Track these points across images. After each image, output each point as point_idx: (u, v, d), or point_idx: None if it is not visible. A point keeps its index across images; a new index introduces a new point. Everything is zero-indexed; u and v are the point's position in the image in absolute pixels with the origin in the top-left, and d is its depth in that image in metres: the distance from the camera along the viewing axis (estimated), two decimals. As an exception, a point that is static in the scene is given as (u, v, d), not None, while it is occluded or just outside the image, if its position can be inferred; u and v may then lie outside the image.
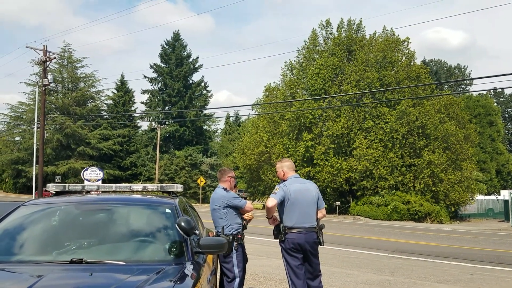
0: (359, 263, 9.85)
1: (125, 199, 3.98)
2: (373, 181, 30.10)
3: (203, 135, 56.32)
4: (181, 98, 53.06)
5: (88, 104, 53.34)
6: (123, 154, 53.97)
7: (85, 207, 3.73)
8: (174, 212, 3.54)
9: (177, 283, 2.59)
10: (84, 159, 48.88)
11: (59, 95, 51.36)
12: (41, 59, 27.76)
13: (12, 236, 3.34)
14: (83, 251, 3.13)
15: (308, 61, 34.60)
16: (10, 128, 54.36)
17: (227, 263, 4.91)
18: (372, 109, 31.30)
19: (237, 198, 5.05)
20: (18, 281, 2.53)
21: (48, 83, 29.03)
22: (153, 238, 3.40)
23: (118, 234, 3.42)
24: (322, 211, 4.91)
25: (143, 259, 3.04)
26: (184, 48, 55.08)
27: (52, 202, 3.81)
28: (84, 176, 26.93)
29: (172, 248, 3.19)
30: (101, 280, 2.65)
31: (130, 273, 2.68)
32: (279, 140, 32.46)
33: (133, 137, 56.12)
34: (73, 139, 49.02)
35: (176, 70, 53.28)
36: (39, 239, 3.35)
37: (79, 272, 2.74)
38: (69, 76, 51.99)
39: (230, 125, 67.29)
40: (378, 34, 34.14)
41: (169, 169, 47.79)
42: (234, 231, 4.96)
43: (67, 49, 50.58)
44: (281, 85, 35.20)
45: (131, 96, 56.78)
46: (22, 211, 3.57)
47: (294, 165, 5.10)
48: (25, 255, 3.11)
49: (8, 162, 50.59)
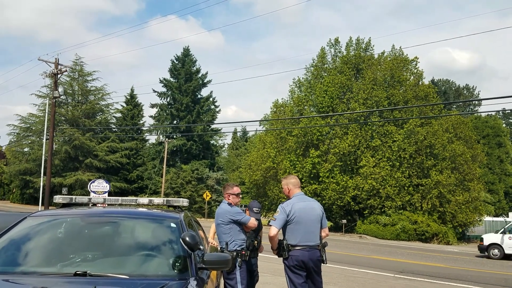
0: (365, 283, 9.72)
1: (131, 212, 3.98)
2: (380, 200, 29.83)
3: (210, 150, 56.40)
4: (189, 112, 53.37)
5: (97, 117, 53.80)
6: (130, 167, 54.10)
7: (91, 220, 3.73)
8: (179, 227, 3.54)
9: None
10: (91, 171, 49.07)
11: (69, 107, 51.89)
12: (52, 71, 28.14)
13: (18, 247, 3.35)
14: (88, 264, 3.13)
15: (316, 79, 34.77)
16: (19, 139, 54.86)
17: (231, 279, 4.87)
18: (379, 128, 31.23)
19: (240, 214, 5.02)
20: None
21: (59, 96, 29.38)
22: (158, 252, 3.39)
23: (122, 248, 3.43)
24: (325, 230, 4.91)
25: (147, 274, 3.02)
26: (193, 64, 55.64)
27: (58, 214, 3.82)
28: (91, 188, 27.02)
29: (176, 263, 3.18)
30: None
31: (133, 287, 2.68)
32: (286, 156, 32.43)
33: (140, 150, 56.32)
34: (81, 151, 49.33)
35: (185, 85, 53.74)
36: (44, 251, 3.35)
37: (82, 285, 2.74)
38: (79, 88, 52.61)
39: (237, 140, 67.39)
40: (386, 53, 34.33)
41: (175, 183, 47.79)
42: (238, 247, 4.94)
43: (78, 62, 51.31)
44: (289, 101, 35.35)
45: (140, 110, 57.21)
46: (28, 222, 3.58)
47: (299, 182, 5.10)
48: (30, 266, 3.12)
49: (16, 173, 50.90)
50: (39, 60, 28.51)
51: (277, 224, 4.70)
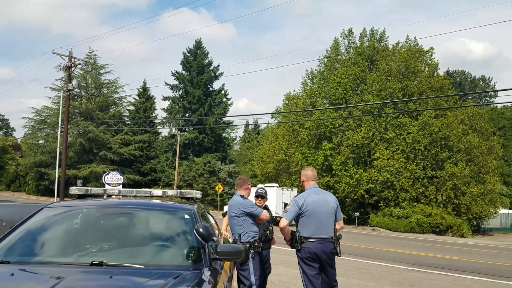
0: (378, 275, 9.64)
1: (145, 204, 4.00)
2: (394, 193, 29.62)
3: (222, 143, 56.50)
4: (201, 105, 53.46)
5: (111, 110, 54.26)
6: (143, 159, 54.56)
7: (106, 211, 3.76)
8: (193, 218, 3.56)
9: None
10: (105, 164, 49.63)
11: (83, 100, 52.41)
12: (66, 64, 28.36)
13: (34, 237, 3.39)
14: (104, 254, 3.17)
15: (329, 70, 34.47)
16: (34, 131, 55.66)
17: (244, 270, 4.90)
18: (393, 120, 30.90)
19: (253, 206, 5.05)
20: (40, 282, 2.55)
21: (73, 88, 29.62)
22: (172, 243, 3.42)
23: (137, 238, 3.46)
24: (339, 222, 4.88)
25: (161, 264, 3.06)
26: (205, 56, 55.59)
27: (74, 205, 3.86)
28: (105, 181, 27.32)
29: (190, 254, 3.21)
30: (120, 282, 2.66)
31: (149, 276, 2.69)
32: (298, 149, 32.32)
33: (153, 143, 56.71)
34: (95, 144, 49.88)
35: (197, 78, 53.78)
36: (61, 241, 3.39)
37: (99, 274, 2.76)
38: (93, 82, 53.06)
39: (249, 133, 67.32)
40: (401, 44, 33.87)
41: (188, 175, 48.05)
42: (251, 239, 4.96)
43: (91, 55, 51.69)
44: (301, 93, 35.13)
45: (152, 103, 57.52)
46: (44, 213, 3.61)
47: (315, 175, 5.05)
48: (47, 256, 3.15)
49: (32, 165, 51.71)
50: (53, 53, 28.79)
51: (287, 216, 4.70)
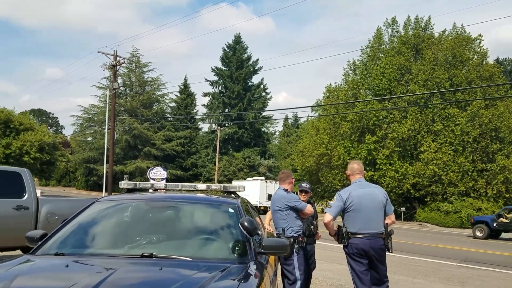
0: (426, 272, 9.38)
1: (191, 197, 4.08)
2: (442, 187, 28.58)
3: (261, 137, 56.65)
4: (241, 100, 53.77)
5: (154, 107, 55.73)
6: (184, 155, 55.73)
7: (154, 204, 3.85)
8: (237, 212, 3.59)
9: (242, 282, 2.60)
10: (149, 159, 51.11)
11: (128, 98, 54.12)
12: (111, 63, 29.27)
13: (87, 230, 3.52)
14: (153, 246, 3.24)
15: (372, 61, 33.57)
16: (82, 129, 58.15)
17: (288, 265, 4.87)
18: (441, 111, 29.74)
19: (297, 200, 5.02)
20: (93, 273, 2.61)
21: (118, 87, 30.57)
22: (217, 236, 3.46)
23: (184, 231, 3.54)
24: (390, 217, 4.70)
25: (208, 257, 3.10)
26: (244, 51, 55.79)
27: (124, 199, 3.98)
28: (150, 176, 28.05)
29: (236, 247, 3.23)
30: (169, 274, 2.72)
31: (196, 269, 2.74)
32: (340, 142, 31.77)
33: (194, 138, 57.76)
34: (139, 140, 51.42)
35: (236, 73, 54.09)
36: (112, 234, 3.50)
37: (149, 266, 2.82)
38: (136, 80, 54.67)
39: (288, 127, 67.04)
40: (447, 31, 32.47)
41: (228, 170, 48.58)
42: (295, 234, 4.91)
43: (135, 54, 53.24)
44: (343, 85, 34.46)
45: (193, 99, 58.55)
46: (96, 206, 3.74)
47: (362, 168, 4.89)
48: (99, 248, 3.26)
49: (81, 161, 54.09)
50: (98, 53, 29.82)
51: (331, 211, 4.59)
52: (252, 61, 55.74)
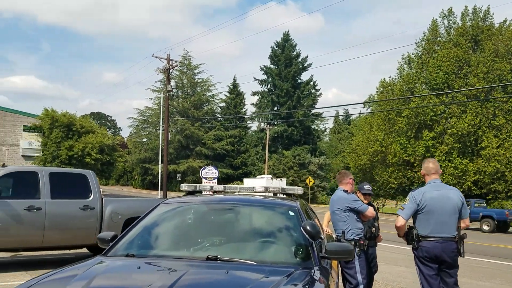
0: (492, 274, 8.99)
1: (252, 200, 4.07)
2: (505, 184, 27.06)
3: (311, 135, 56.22)
4: (290, 98, 53.63)
5: (204, 107, 56.91)
6: (234, 153, 56.44)
7: (216, 207, 3.90)
8: (298, 215, 3.55)
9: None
10: (200, 158, 52.28)
11: (180, 99, 55.65)
12: (165, 67, 30.20)
13: (153, 232, 3.62)
14: (216, 249, 3.28)
15: (428, 54, 32.34)
16: (138, 130, 60.51)
17: (350, 269, 4.76)
18: (503, 104, 28.20)
19: (358, 202, 4.89)
20: (165, 274, 2.67)
21: (171, 89, 31.47)
22: (278, 240, 3.44)
23: (246, 234, 3.55)
24: (465, 220, 4.49)
25: (270, 260, 3.07)
26: (293, 48, 55.62)
27: (187, 201, 4.03)
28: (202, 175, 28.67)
29: (298, 252, 3.19)
30: (237, 279, 2.74)
31: (261, 273, 2.71)
32: (395, 139, 30.90)
33: (243, 137, 58.36)
34: (191, 140, 52.73)
35: (285, 71, 54.02)
36: (177, 236, 3.59)
37: (215, 269, 2.85)
38: (188, 81, 56.11)
39: (339, 124, 66.08)
40: (508, 21, 30.66)
41: (277, 168, 48.53)
42: (356, 236, 4.79)
43: (186, 56, 54.61)
44: (397, 80, 33.43)
45: (242, 98, 59.16)
46: (161, 209, 3.81)
47: (437, 167, 4.70)
48: (166, 250, 3.34)
49: (137, 161, 56.31)
50: (153, 57, 30.87)
51: (404, 214, 4.43)
52: (301, 58, 55.48)
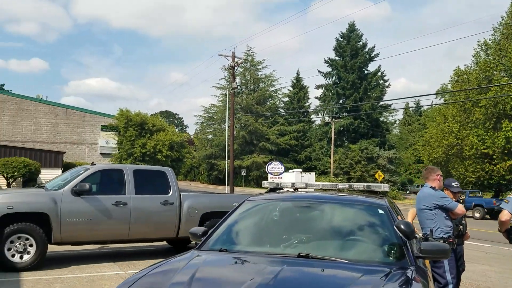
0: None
1: (338, 198, 4.00)
2: None
3: (379, 127, 54.35)
4: (356, 90, 52.19)
5: (267, 103, 57.13)
6: (298, 148, 56.18)
7: (302, 204, 3.88)
8: (388, 213, 3.47)
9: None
10: (264, 154, 52.66)
11: (243, 95, 56.33)
12: (230, 64, 30.66)
13: (241, 228, 3.68)
14: (304, 246, 3.23)
15: (507, 39, 29.70)
16: (203, 127, 62.26)
17: (438, 268, 4.65)
18: None
19: (447, 199, 4.74)
20: (262, 270, 2.67)
21: (236, 86, 31.90)
22: (369, 238, 3.37)
23: (334, 232, 3.49)
24: None
25: (364, 259, 3.02)
26: (359, 39, 54.04)
27: (272, 198, 4.02)
28: (268, 170, 28.81)
29: (391, 251, 3.11)
30: (335, 277, 2.70)
31: (358, 272, 2.67)
32: (472, 131, 28.92)
33: (307, 132, 57.88)
34: (255, 136, 53.24)
35: (351, 62, 52.62)
36: (264, 232, 3.62)
37: (310, 267, 2.81)
38: (251, 78, 56.64)
39: (409, 116, 63.25)
40: None
41: (344, 163, 47.46)
42: (445, 235, 4.66)
43: (249, 53, 55.12)
44: (473, 68, 31.13)
45: (305, 92, 58.64)
46: (247, 205, 3.86)
47: None
48: (256, 246, 3.38)
49: (203, 157, 58.03)
50: (219, 55, 31.42)
51: (509, 207, 4.23)
52: (368, 48, 53.74)
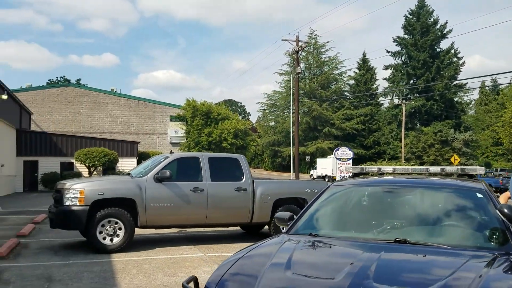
0: None
1: (430, 182, 3.81)
2: None
3: (454, 108, 50.82)
4: (428, 69, 49.01)
5: (332, 87, 55.43)
6: (365, 133, 54.10)
7: (391, 189, 3.74)
8: (487, 197, 3.31)
9: None
10: (329, 139, 51.29)
11: (306, 80, 55.05)
12: (294, 49, 29.71)
13: (328, 213, 3.65)
14: (398, 232, 3.15)
15: None
16: (266, 115, 61.89)
17: None
18: None
19: None
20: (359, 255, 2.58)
21: (301, 71, 30.93)
22: (467, 223, 3.26)
23: (430, 218, 3.37)
24: None
25: (465, 245, 2.92)
26: (430, 15, 50.60)
27: (358, 183, 3.93)
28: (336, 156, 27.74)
29: (493, 235, 2.99)
30: (439, 262, 2.61)
31: (463, 258, 2.58)
32: None
33: (375, 115, 55.51)
34: (319, 121, 51.94)
35: (421, 40, 49.42)
36: (354, 217, 3.56)
37: (410, 253, 2.72)
38: (314, 61, 55.14)
39: (486, 95, 58.43)
40: None
41: (416, 147, 44.97)
42: None
43: (312, 36, 53.51)
44: None
45: (372, 74, 56.14)
46: (332, 190, 3.83)
47: None
48: (347, 231, 3.35)
49: (267, 144, 57.78)
50: (282, 40, 30.57)
51: None
52: (440, 25, 50.10)
